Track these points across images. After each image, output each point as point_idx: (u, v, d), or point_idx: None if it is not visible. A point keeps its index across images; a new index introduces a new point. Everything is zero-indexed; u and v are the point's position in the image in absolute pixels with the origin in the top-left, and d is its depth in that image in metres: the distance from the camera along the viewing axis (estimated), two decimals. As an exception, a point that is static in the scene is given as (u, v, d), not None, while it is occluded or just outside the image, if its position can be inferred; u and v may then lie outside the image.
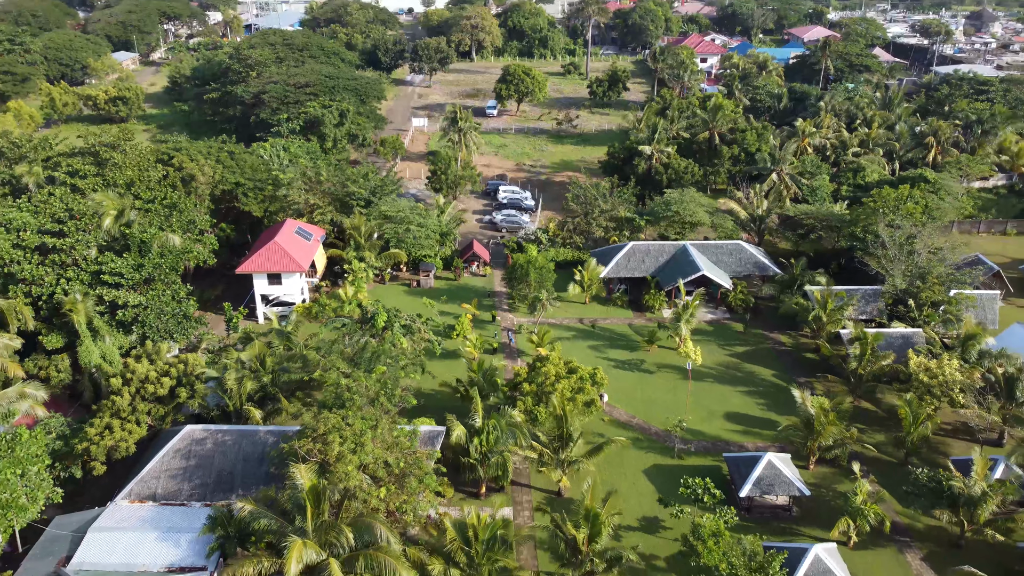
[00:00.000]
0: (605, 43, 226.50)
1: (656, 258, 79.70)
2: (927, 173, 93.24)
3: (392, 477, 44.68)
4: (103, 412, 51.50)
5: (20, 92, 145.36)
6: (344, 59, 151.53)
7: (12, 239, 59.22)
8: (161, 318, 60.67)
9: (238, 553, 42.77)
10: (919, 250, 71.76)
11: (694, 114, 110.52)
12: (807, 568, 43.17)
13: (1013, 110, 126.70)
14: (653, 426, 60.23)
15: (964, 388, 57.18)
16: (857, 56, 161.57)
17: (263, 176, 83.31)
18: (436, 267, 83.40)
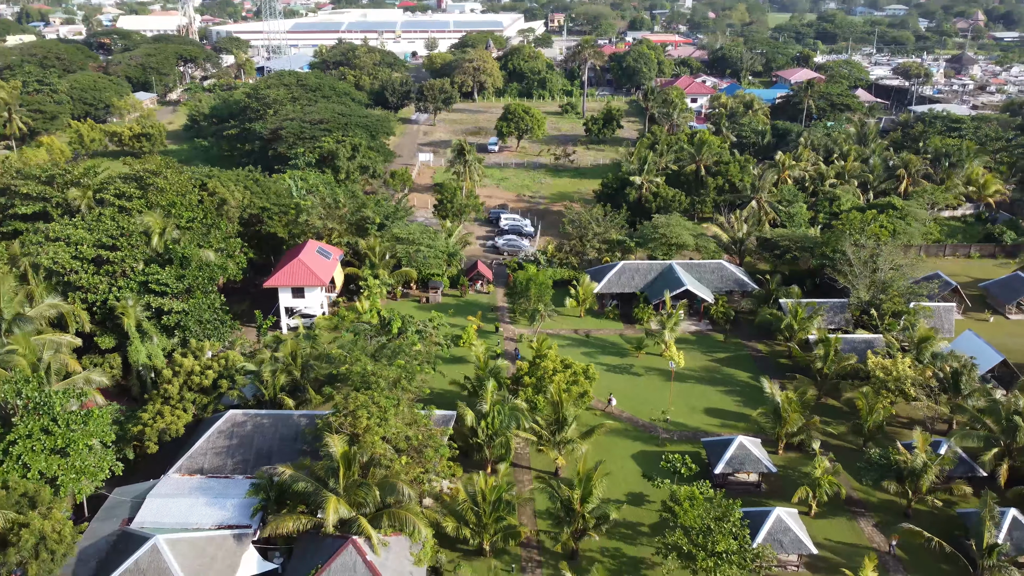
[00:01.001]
0: (601, 84, 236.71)
1: (645, 275, 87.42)
2: (895, 201, 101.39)
3: (411, 449, 51.78)
4: (155, 400, 58.71)
5: (49, 129, 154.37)
6: (354, 98, 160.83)
7: (71, 252, 66.85)
8: (200, 323, 68.09)
9: (278, 513, 49.69)
10: (881, 266, 79.38)
11: (682, 148, 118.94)
12: (770, 525, 50.17)
13: (982, 145, 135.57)
14: (640, 419, 67.35)
15: (915, 383, 64.42)
16: (838, 96, 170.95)
17: (286, 202, 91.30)
18: (443, 285, 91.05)
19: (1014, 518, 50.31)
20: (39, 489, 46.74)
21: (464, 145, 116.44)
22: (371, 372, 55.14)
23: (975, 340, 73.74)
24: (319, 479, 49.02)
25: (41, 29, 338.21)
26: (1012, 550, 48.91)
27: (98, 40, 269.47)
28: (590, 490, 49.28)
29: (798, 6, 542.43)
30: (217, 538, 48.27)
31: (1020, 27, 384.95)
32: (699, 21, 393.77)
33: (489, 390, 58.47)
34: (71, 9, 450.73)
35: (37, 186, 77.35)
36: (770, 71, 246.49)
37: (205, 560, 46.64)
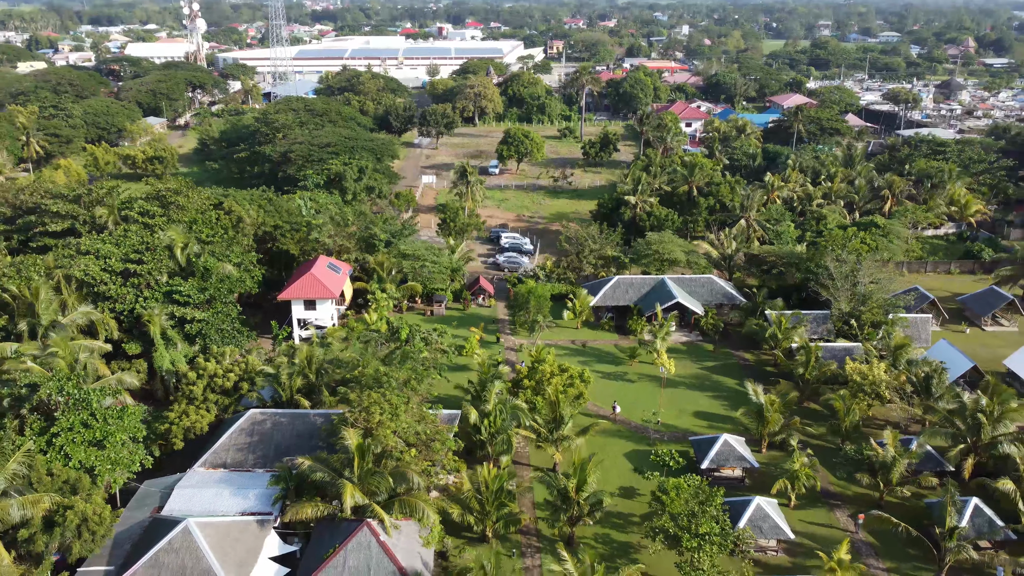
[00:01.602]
0: (599, 110, 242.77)
1: (639, 289, 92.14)
2: (878, 220, 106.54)
3: (420, 443, 56.18)
4: (180, 400, 63.17)
5: (64, 152, 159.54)
6: (360, 123, 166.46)
7: (101, 265, 71.57)
8: (219, 332, 72.67)
9: (297, 501, 53.92)
10: (861, 280, 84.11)
11: (675, 170, 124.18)
12: (751, 513, 54.46)
13: (965, 168, 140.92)
14: (632, 421, 71.75)
15: (889, 387, 68.91)
16: (828, 121, 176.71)
17: (298, 220, 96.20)
18: (447, 299, 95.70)
19: (975, 506, 54.58)
20: (80, 477, 51.19)
21: (466, 167, 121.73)
22: (383, 373, 59.60)
23: (948, 349, 78.30)
24: (335, 470, 53.33)
25: (51, 56, 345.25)
26: (972, 534, 53.14)
27: (108, 67, 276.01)
28: (585, 479, 53.58)
29: (793, 33, 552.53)
30: (241, 523, 52.57)
31: (1010, 53, 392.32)
32: (695, 48, 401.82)
33: (492, 391, 62.92)
34: (79, 37, 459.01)
35: (66, 205, 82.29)
36: (763, 96, 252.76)
37: (231, 541, 50.90)
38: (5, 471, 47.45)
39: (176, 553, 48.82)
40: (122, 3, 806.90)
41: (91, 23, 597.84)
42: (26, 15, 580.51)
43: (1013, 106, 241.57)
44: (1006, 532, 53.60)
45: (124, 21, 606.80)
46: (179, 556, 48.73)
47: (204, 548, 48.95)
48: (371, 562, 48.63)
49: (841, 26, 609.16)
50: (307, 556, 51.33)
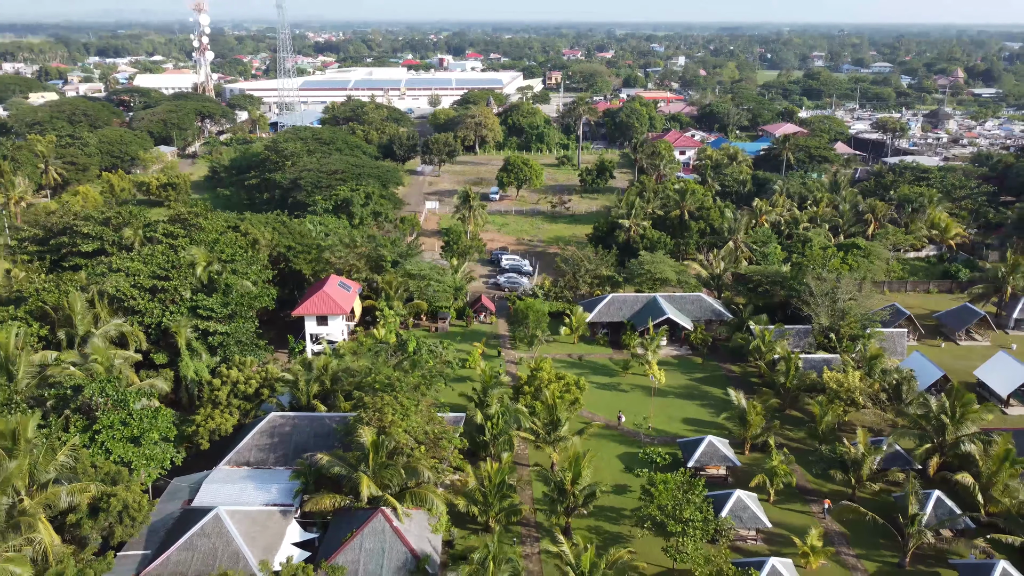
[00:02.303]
0: (596, 139, 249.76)
1: (632, 306, 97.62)
2: (860, 242, 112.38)
3: (429, 441, 61.32)
4: (206, 404, 68.33)
5: (80, 179, 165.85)
6: (365, 151, 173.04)
7: (130, 281, 77.04)
8: (240, 343, 77.99)
9: (316, 494, 58.95)
10: (840, 297, 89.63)
11: (668, 196, 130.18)
12: (731, 504, 59.48)
13: (947, 193, 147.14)
14: (624, 426, 76.86)
15: (863, 393, 74.18)
16: (816, 149, 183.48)
17: (309, 241, 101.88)
18: (451, 316, 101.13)
19: (937, 498, 59.59)
20: (119, 470, 56.30)
21: (469, 192, 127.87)
22: (395, 377, 64.87)
23: (921, 360, 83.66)
24: (351, 465, 58.46)
25: (61, 87, 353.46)
26: (935, 522, 58.14)
27: (119, 97, 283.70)
28: (579, 472, 58.69)
29: (787, 64, 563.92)
30: (266, 512, 57.63)
31: (998, 84, 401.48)
32: (691, 79, 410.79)
33: (494, 396, 68.15)
34: (88, 68, 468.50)
35: (96, 227, 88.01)
36: (756, 125, 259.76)
37: (257, 528, 55.91)
38: (55, 462, 52.58)
39: (208, 537, 53.82)
40: (128, 35, 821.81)
41: (98, 54, 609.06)
42: (35, 47, 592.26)
43: (998, 134, 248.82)
44: (965, 521, 58.58)
45: (131, 52, 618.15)
46: (211, 540, 53.74)
47: (233, 533, 53.97)
48: (385, 545, 53.63)
49: (834, 57, 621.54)
50: (326, 541, 56.34)
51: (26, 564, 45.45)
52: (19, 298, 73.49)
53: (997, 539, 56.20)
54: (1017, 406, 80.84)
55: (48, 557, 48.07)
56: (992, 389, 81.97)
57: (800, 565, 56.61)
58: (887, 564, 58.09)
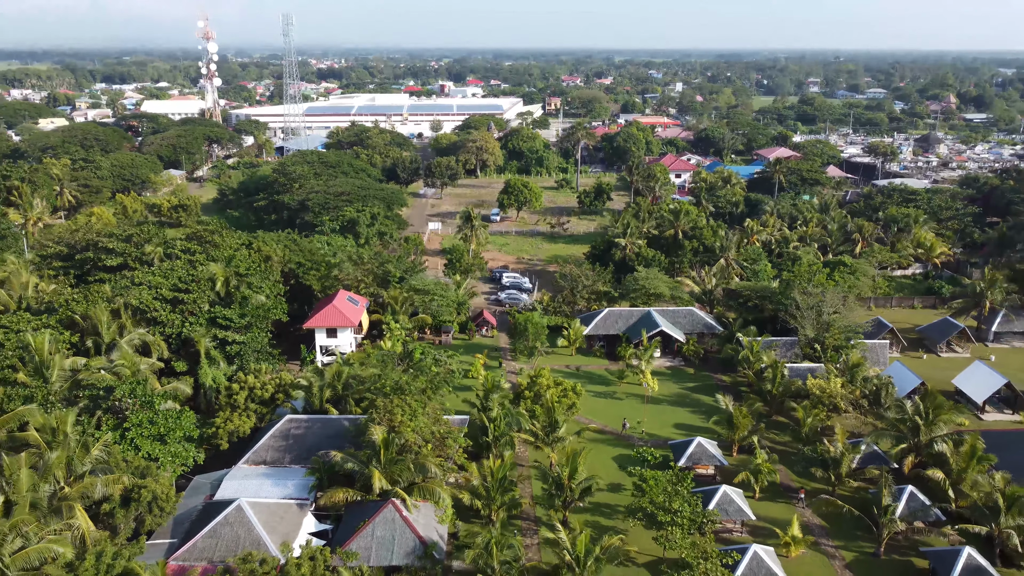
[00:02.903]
0: (594, 162, 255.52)
1: (627, 320, 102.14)
2: (846, 259, 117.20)
3: (435, 439, 65.63)
4: (225, 408, 72.67)
5: (94, 201, 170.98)
6: (370, 174, 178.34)
7: (152, 294, 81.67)
8: (255, 352, 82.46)
9: (330, 488, 63.15)
10: (825, 310, 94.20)
11: (663, 216, 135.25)
12: (718, 498, 63.64)
13: (934, 214, 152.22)
14: (619, 431, 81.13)
15: (844, 398, 78.56)
16: (808, 172, 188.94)
17: (319, 258, 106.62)
18: (454, 329, 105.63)
19: (911, 492, 63.77)
20: (148, 465, 60.60)
21: (471, 212, 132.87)
22: (404, 381, 69.30)
23: (902, 369, 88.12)
24: (363, 461, 62.74)
25: (70, 113, 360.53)
26: (908, 514, 62.29)
27: (127, 123, 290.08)
28: (576, 467, 62.95)
29: (783, 90, 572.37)
30: (284, 504, 61.87)
31: (989, 109, 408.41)
32: (687, 104, 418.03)
33: (496, 400, 72.52)
34: (95, 94, 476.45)
35: (119, 243, 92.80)
36: (751, 150, 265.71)
37: (275, 519, 60.09)
38: (90, 456, 56.93)
39: (231, 526, 57.98)
40: (133, 62, 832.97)
41: (104, 81, 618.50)
42: (42, 73, 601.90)
43: (987, 158, 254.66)
44: (936, 513, 62.69)
45: (136, 79, 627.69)
46: (233, 528, 57.89)
47: (254, 522, 58.14)
48: (395, 533, 57.80)
49: (830, 83, 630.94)
50: (340, 531, 60.51)
51: (68, 545, 49.58)
52: (49, 308, 78.12)
53: (965, 528, 60.35)
54: (992, 412, 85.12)
55: (86, 541, 52.28)
56: (969, 396, 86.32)
57: (782, 554, 60.69)
58: (863, 554, 62.16)
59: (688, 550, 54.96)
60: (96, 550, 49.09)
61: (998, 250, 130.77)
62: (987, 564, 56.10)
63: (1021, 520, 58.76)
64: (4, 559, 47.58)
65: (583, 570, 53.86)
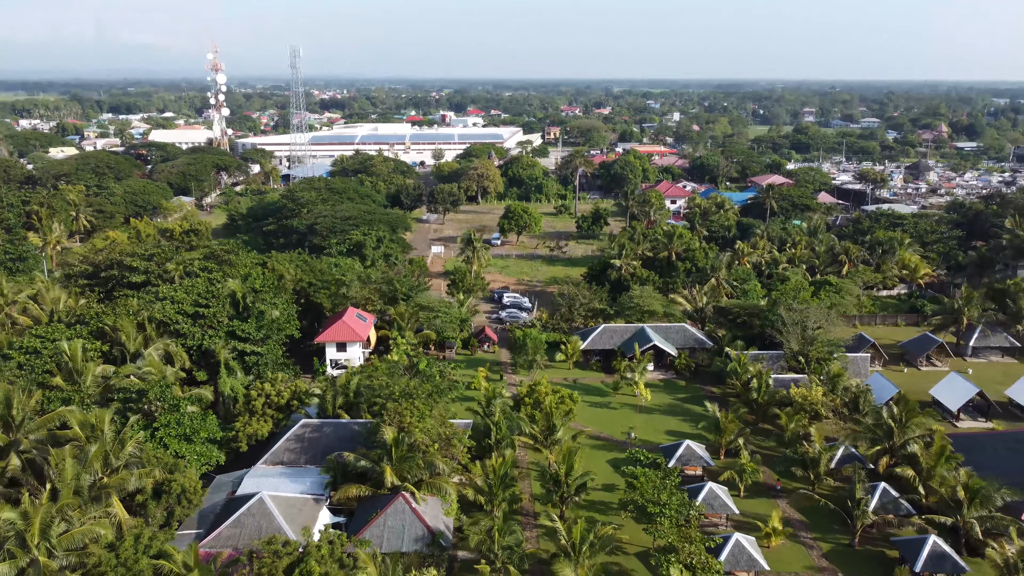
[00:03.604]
0: (592, 190, 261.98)
1: (622, 335, 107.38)
2: (832, 279, 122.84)
3: (442, 440, 70.59)
4: (244, 413, 77.69)
5: (108, 226, 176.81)
6: (374, 200, 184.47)
7: (175, 308, 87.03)
8: (271, 363, 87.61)
9: (344, 486, 67.98)
10: (809, 325, 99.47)
11: (657, 239, 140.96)
12: (704, 494, 68.49)
13: (919, 237, 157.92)
14: (614, 437, 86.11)
15: (825, 405, 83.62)
16: (799, 197, 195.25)
17: (329, 278, 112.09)
18: (457, 345, 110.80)
19: (883, 489, 68.66)
20: (176, 462, 65.58)
21: (473, 235, 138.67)
22: (412, 386, 74.43)
23: (881, 379, 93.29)
24: (375, 460, 67.65)
25: (79, 142, 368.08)
26: (880, 508, 67.13)
27: (136, 151, 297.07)
28: (572, 464, 67.87)
29: (778, 119, 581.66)
30: (301, 499, 66.74)
31: (981, 138, 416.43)
32: (684, 133, 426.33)
33: (497, 406, 77.57)
34: (103, 124, 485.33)
35: (143, 262, 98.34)
36: (745, 177, 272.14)
37: (294, 511, 64.91)
38: (124, 451, 61.95)
39: (254, 516, 62.82)
40: (138, 92, 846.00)
41: (111, 111, 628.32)
42: (50, 103, 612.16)
43: (976, 185, 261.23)
44: (906, 506, 67.54)
45: (142, 109, 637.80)
46: (256, 519, 62.73)
47: (275, 513, 62.99)
48: (405, 523, 62.63)
49: (825, 113, 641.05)
50: (353, 523, 65.29)
51: (108, 527, 54.56)
52: (79, 321, 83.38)
53: (932, 519, 65.20)
54: (967, 420, 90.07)
55: (122, 527, 57.18)
56: (944, 405, 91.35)
57: (764, 545, 65.41)
58: (840, 545, 66.91)
59: (675, 537, 59.74)
60: (134, 532, 53.96)
61: (977, 270, 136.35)
62: (951, 551, 60.89)
63: (983, 511, 63.65)
64: (51, 539, 52.50)
65: (578, 556, 58.56)
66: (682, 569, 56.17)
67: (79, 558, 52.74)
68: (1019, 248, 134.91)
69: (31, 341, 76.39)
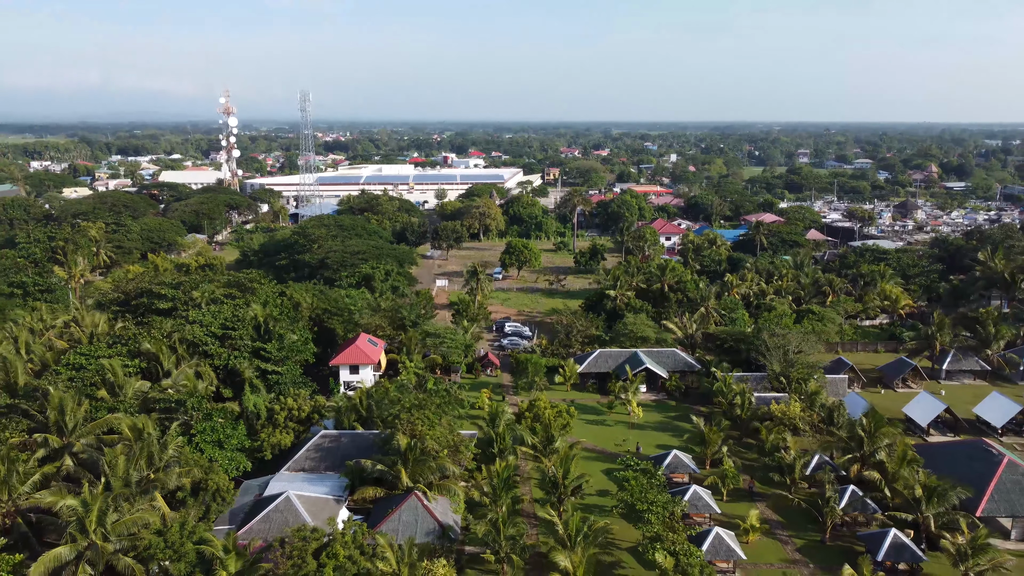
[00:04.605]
0: (590, 227, 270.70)
1: (616, 359, 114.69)
2: (814, 308, 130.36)
3: (450, 447, 77.63)
4: (268, 425, 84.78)
5: (126, 261, 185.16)
6: (382, 236, 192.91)
7: (204, 331, 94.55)
8: (291, 382, 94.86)
9: (361, 488, 74.86)
10: (790, 348, 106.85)
11: (651, 272, 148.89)
12: (689, 495, 75.33)
13: (903, 271, 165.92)
14: (608, 450, 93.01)
15: (803, 420, 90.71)
16: (788, 234, 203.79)
17: (342, 306, 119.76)
18: (461, 369, 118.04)
19: (852, 491, 75.53)
20: (211, 465, 72.58)
21: (477, 267, 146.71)
22: (422, 399, 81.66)
23: (856, 398, 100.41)
24: (390, 464, 74.64)
25: (91, 183, 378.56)
26: (849, 507, 73.96)
27: (149, 191, 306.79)
28: (569, 468, 74.83)
29: (773, 160, 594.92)
30: (323, 498, 73.58)
31: (970, 178, 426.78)
32: (681, 174, 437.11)
33: (501, 419, 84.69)
34: (113, 165, 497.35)
35: (171, 290, 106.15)
36: (739, 215, 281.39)
37: (317, 508, 71.74)
38: (166, 453, 69.03)
39: (281, 512, 69.66)
40: (146, 135, 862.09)
41: (119, 153, 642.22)
42: (60, 146, 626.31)
43: (961, 222, 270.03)
44: (872, 505, 74.34)
45: (150, 151, 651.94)
46: (283, 515, 69.54)
47: (300, 509, 69.83)
48: (418, 518, 69.45)
49: (819, 154, 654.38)
50: (371, 519, 71.98)
51: (156, 515, 61.48)
52: (118, 341, 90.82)
53: (894, 515, 72.01)
54: (936, 435, 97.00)
55: (165, 518, 64.05)
56: (916, 422, 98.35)
57: (743, 541, 72.04)
58: (812, 540, 73.58)
59: (660, 528, 66.54)
60: (179, 521, 60.89)
61: (953, 300, 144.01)
62: (910, 543, 67.66)
63: (940, 508, 70.49)
64: (107, 526, 59.42)
65: (573, 545, 65.28)
66: (666, 555, 62.85)
67: (131, 542, 59.62)
68: (990, 279, 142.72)
69: (77, 358, 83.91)
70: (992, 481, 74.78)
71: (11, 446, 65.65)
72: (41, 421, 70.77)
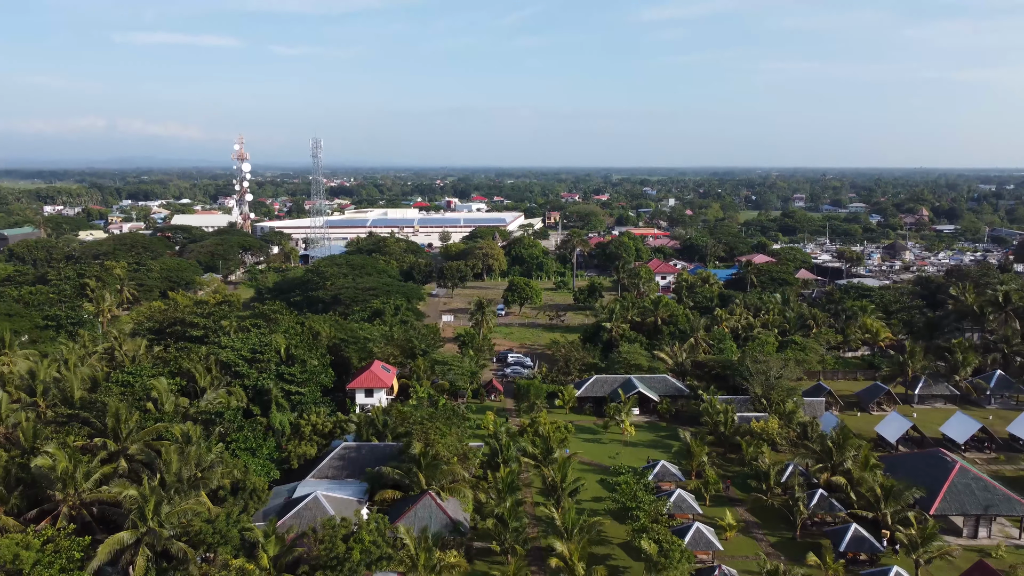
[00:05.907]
0: (589, 267, 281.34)
1: (611, 385, 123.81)
2: (797, 339, 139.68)
3: (460, 455, 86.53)
4: (294, 438, 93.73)
5: (148, 298, 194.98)
6: (390, 275, 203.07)
7: (235, 355, 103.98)
8: (311, 402, 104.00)
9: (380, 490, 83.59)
10: (771, 373, 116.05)
11: (645, 306, 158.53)
12: (674, 499, 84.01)
13: (886, 307, 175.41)
14: (602, 463, 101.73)
15: (780, 435, 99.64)
16: (778, 273, 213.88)
17: (357, 336, 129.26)
18: (467, 395, 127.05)
19: (821, 493, 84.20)
20: (246, 468, 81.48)
21: (482, 301, 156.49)
22: (433, 412, 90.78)
23: (831, 418, 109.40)
24: (407, 469, 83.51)
25: (105, 226, 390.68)
26: (817, 507, 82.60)
27: (163, 233, 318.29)
28: (566, 472, 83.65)
29: (769, 204, 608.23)
30: (347, 499, 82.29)
31: (961, 221, 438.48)
32: (678, 217, 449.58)
33: (505, 433, 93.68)
34: (125, 209, 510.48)
35: (203, 319, 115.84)
36: (733, 256, 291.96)
37: (342, 507, 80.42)
38: (210, 455, 78.05)
39: (310, 510, 78.37)
40: (154, 180, 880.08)
41: (129, 198, 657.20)
42: (72, 191, 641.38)
43: (947, 263, 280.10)
44: (838, 505, 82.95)
45: (159, 196, 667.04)
46: (312, 511, 78.23)
47: (328, 507, 78.53)
48: (432, 514, 78.15)
49: (815, 198, 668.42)
50: (390, 515, 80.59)
51: (203, 507, 70.32)
52: (158, 362, 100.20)
53: (855, 513, 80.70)
54: (904, 451, 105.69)
55: (210, 511, 72.84)
56: (887, 439, 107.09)
57: (723, 538, 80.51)
58: (784, 538, 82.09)
59: (647, 520, 75.23)
60: (224, 512, 69.71)
61: (928, 332, 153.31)
62: (869, 536, 76.26)
63: (896, 506, 79.18)
64: (162, 515, 68.27)
65: (569, 536, 73.90)
66: (651, 543, 71.44)
67: (183, 529, 68.37)
68: (961, 312, 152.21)
69: (125, 376, 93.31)
70: (945, 484, 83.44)
71: (75, 448, 74.61)
72: (99, 428, 79.81)
